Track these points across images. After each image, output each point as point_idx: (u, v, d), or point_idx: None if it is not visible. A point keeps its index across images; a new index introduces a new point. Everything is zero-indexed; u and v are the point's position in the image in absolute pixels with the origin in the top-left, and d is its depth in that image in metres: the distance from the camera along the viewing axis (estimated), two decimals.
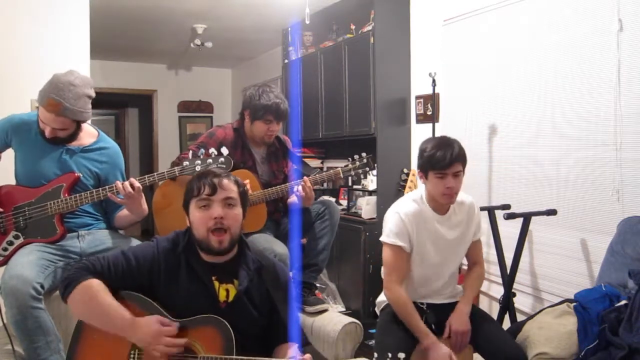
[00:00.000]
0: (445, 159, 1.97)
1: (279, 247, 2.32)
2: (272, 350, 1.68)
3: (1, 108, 2.58)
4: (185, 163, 2.07)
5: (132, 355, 1.56)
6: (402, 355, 1.48)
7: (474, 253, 2.25)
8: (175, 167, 2.10)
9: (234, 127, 2.55)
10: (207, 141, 2.46)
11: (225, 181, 1.65)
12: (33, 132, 2.12)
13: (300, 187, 2.38)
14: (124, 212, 2.20)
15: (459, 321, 2.06)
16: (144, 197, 2.12)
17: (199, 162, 2.06)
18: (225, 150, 2.09)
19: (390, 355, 1.48)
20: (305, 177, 2.42)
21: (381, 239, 2.14)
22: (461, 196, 2.16)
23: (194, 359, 1.53)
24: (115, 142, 2.34)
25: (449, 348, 2.02)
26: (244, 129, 2.55)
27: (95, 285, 1.56)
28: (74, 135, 2.13)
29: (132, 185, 2.03)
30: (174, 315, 1.58)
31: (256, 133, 2.52)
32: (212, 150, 2.09)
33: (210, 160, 2.06)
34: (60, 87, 1.98)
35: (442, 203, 2.08)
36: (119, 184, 2.04)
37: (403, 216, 2.08)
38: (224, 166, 2.06)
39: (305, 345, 1.75)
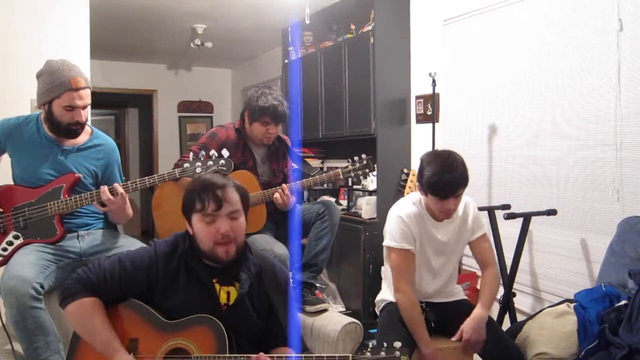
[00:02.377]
0: (447, 189, 1.94)
1: (279, 248, 2.32)
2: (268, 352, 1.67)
3: (1, 108, 2.58)
4: (186, 165, 2.07)
5: None
6: (398, 343, 1.46)
7: (481, 254, 2.18)
8: (176, 169, 2.09)
9: (236, 128, 2.55)
10: (209, 142, 2.46)
11: (228, 193, 1.61)
12: (26, 135, 2.11)
13: (277, 195, 2.38)
14: None
15: (475, 329, 1.98)
16: (128, 203, 2.11)
17: (199, 164, 2.05)
18: (225, 153, 2.08)
19: (386, 344, 1.47)
20: (283, 185, 2.42)
21: (386, 244, 2.12)
22: None
23: (187, 359, 1.53)
24: (112, 139, 2.32)
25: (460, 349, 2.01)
26: (245, 130, 2.56)
27: (88, 306, 1.56)
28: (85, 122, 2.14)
29: (115, 191, 2.03)
30: (174, 318, 1.58)
31: (255, 134, 2.52)
32: (213, 152, 2.08)
33: (210, 162, 2.05)
34: (67, 67, 2.02)
35: (441, 219, 2.09)
36: (105, 189, 2.03)
37: (405, 218, 2.08)
38: (224, 168, 2.05)
39: (303, 350, 1.74)
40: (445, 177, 1.91)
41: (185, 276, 1.63)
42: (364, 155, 2.49)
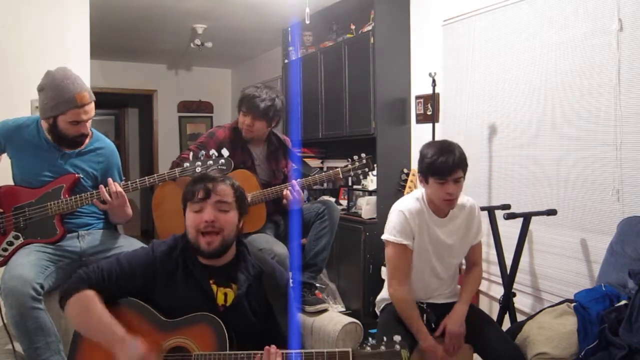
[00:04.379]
0: (446, 166, 1.96)
1: (279, 248, 2.32)
2: None
3: (1, 109, 2.57)
4: (186, 164, 2.06)
5: None
6: (397, 337, 1.47)
7: (473, 255, 2.24)
8: (176, 169, 2.09)
9: (232, 127, 2.55)
10: (207, 142, 2.46)
11: (220, 186, 1.65)
12: (26, 137, 2.11)
13: (287, 191, 2.39)
14: None
15: (454, 322, 2.06)
16: (127, 203, 2.12)
17: (199, 163, 2.05)
18: (225, 152, 2.08)
19: (385, 338, 1.47)
20: (293, 181, 2.42)
21: (384, 237, 2.13)
22: (462, 199, 2.16)
23: (188, 358, 1.53)
24: (112, 141, 2.33)
25: (445, 349, 2.02)
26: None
27: (89, 297, 1.56)
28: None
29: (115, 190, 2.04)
30: (172, 318, 1.58)
31: (240, 125, 2.52)
32: (213, 152, 2.08)
33: (210, 162, 2.05)
34: (71, 81, 2.00)
35: (443, 209, 2.09)
36: (102, 188, 2.03)
37: (407, 214, 2.08)
38: (224, 167, 2.05)
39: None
40: (445, 156, 1.97)
41: (183, 276, 1.64)
42: (363, 155, 2.49)
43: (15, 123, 2.14)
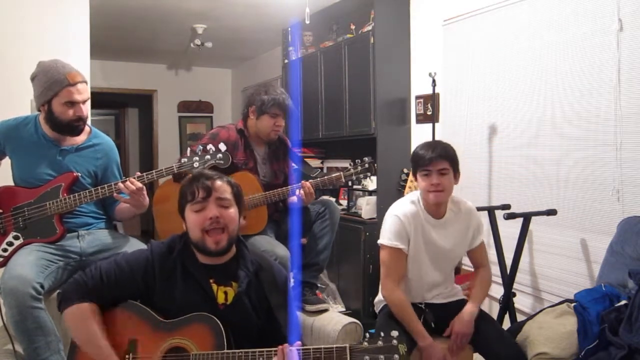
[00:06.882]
0: (426, 156, 2.02)
1: (280, 250, 2.32)
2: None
3: (1, 109, 2.57)
4: (184, 160, 2.06)
5: (128, 357, 1.56)
6: (395, 333, 1.46)
7: (477, 257, 2.24)
8: (174, 164, 2.09)
9: (237, 128, 2.55)
10: (210, 142, 2.45)
11: (218, 182, 1.65)
12: (25, 136, 2.11)
13: (302, 191, 2.39)
14: (124, 205, 2.20)
15: (462, 323, 2.05)
16: (145, 191, 2.13)
17: (197, 158, 2.05)
18: (222, 147, 2.08)
19: (383, 333, 1.47)
20: (306, 182, 2.42)
21: (379, 241, 2.14)
22: (459, 202, 2.16)
23: (186, 358, 1.53)
24: (110, 139, 2.33)
25: (448, 347, 2.02)
26: (248, 128, 2.55)
27: (84, 311, 1.56)
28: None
29: (133, 185, 2.04)
30: (171, 319, 1.58)
31: (262, 129, 2.51)
32: (210, 147, 2.07)
33: (208, 157, 2.05)
34: (61, 64, 2.03)
35: (431, 202, 2.08)
36: (121, 185, 2.03)
37: (402, 217, 2.08)
38: (222, 162, 2.05)
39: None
40: (426, 149, 2.06)
41: (182, 276, 1.63)
42: (366, 159, 2.49)
43: (14, 122, 2.14)
